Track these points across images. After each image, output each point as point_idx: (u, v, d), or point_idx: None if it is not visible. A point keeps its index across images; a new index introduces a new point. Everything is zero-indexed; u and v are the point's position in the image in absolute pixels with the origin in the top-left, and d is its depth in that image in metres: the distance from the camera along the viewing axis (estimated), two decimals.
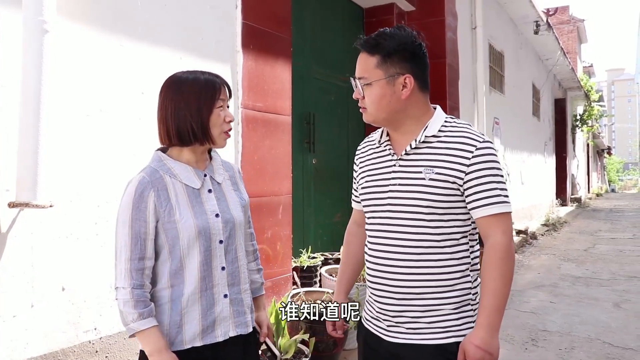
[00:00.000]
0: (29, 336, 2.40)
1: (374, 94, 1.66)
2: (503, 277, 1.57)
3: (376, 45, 1.65)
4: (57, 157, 2.49)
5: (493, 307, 1.56)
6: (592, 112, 22.18)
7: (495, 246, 1.59)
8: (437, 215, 1.62)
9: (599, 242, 10.42)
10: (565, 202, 18.62)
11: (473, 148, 1.60)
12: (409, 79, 1.64)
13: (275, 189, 3.96)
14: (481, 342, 1.53)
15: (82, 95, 2.64)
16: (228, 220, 1.73)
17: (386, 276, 1.68)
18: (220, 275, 1.71)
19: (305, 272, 4.30)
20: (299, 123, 5.13)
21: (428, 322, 1.64)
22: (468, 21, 8.13)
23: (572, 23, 23.55)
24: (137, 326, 1.56)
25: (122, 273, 1.59)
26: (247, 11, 3.73)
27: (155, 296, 1.65)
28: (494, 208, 1.58)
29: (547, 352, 4.11)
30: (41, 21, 2.28)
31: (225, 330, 1.72)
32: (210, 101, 1.66)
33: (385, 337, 1.70)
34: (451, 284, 1.63)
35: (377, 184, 1.73)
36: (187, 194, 1.67)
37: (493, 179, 1.59)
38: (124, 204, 1.62)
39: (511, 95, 11.00)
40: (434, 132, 1.65)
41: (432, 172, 1.61)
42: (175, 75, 1.71)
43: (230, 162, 1.93)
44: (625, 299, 5.72)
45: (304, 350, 3.29)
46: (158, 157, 1.71)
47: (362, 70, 1.70)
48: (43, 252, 2.46)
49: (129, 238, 1.59)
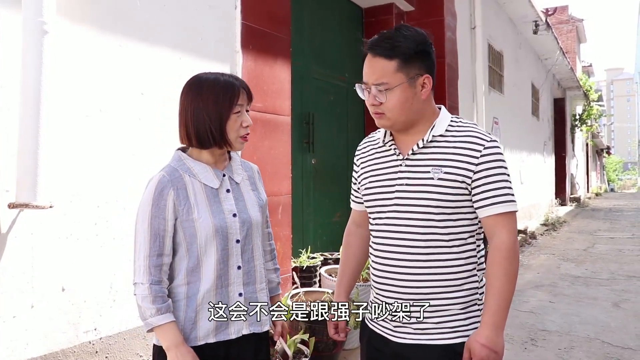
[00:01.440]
0: (29, 336, 2.40)
1: (397, 98, 1.61)
2: (508, 277, 1.58)
3: (393, 48, 1.59)
4: (57, 158, 2.50)
5: (498, 306, 1.56)
6: (591, 111, 22.20)
7: (501, 245, 1.59)
8: (446, 215, 1.62)
9: (598, 241, 10.43)
10: (565, 202, 18.64)
11: (481, 147, 1.60)
12: (428, 79, 1.64)
13: (275, 189, 3.97)
14: (486, 341, 1.54)
15: (81, 96, 2.65)
16: (245, 220, 1.75)
17: (393, 276, 1.68)
18: (236, 274, 1.73)
19: (304, 272, 4.31)
20: (299, 123, 5.14)
21: (436, 322, 1.64)
22: (467, 21, 8.14)
23: (571, 23, 23.57)
24: (155, 321, 1.59)
25: (141, 269, 1.62)
26: (247, 11, 3.74)
27: (172, 292, 1.68)
28: (500, 207, 1.59)
29: (547, 351, 4.12)
30: (41, 22, 2.29)
31: (239, 328, 1.74)
32: (228, 106, 1.68)
33: (392, 338, 1.70)
34: (459, 283, 1.64)
35: (382, 184, 1.72)
36: (206, 193, 1.69)
37: (500, 178, 1.60)
38: (144, 201, 1.65)
39: (510, 95, 11.01)
40: (441, 131, 1.65)
41: (441, 171, 1.61)
42: (196, 77, 1.73)
43: (249, 162, 1.94)
44: (624, 299, 5.73)
45: (304, 350, 3.29)
46: (178, 156, 1.73)
47: (380, 76, 1.61)
48: (43, 253, 2.47)
49: (148, 235, 1.62)
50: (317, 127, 5.44)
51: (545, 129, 16.14)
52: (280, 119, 4.05)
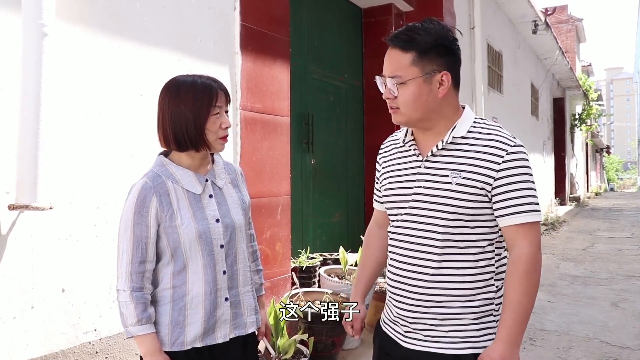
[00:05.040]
0: (29, 337, 2.41)
1: (410, 93, 1.54)
2: (527, 290, 1.50)
3: (410, 40, 1.52)
4: (56, 159, 2.51)
5: (514, 321, 1.49)
6: (590, 111, 22.19)
7: (521, 257, 1.51)
8: (462, 222, 1.55)
9: (598, 241, 10.44)
10: (564, 201, 18.64)
11: (504, 152, 1.52)
12: (447, 76, 1.55)
13: (274, 189, 3.98)
14: (499, 357, 1.47)
15: (81, 98, 2.66)
16: (228, 224, 1.76)
17: (405, 281, 1.63)
18: (222, 279, 1.75)
19: (304, 272, 4.32)
20: (298, 124, 5.15)
21: (446, 330, 1.58)
22: (466, 21, 8.14)
23: (570, 22, 23.56)
24: (135, 331, 1.62)
25: (123, 276, 1.63)
26: (246, 12, 3.75)
27: (158, 296, 1.70)
28: (522, 217, 1.51)
29: (545, 351, 4.13)
30: (40, 24, 2.29)
31: (225, 332, 1.76)
32: (206, 108, 1.67)
33: (402, 343, 1.66)
34: (473, 292, 1.57)
35: (400, 186, 1.66)
36: (189, 199, 1.70)
37: (523, 186, 1.51)
38: (127, 208, 1.65)
39: (510, 94, 11.02)
40: (463, 133, 1.57)
41: (460, 176, 1.53)
42: (174, 80, 1.72)
43: (233, 164, 1.95)
44: (623, 298, 5.74)
45: (303, 350, 3.30)
46: (160, 161, 1.73)
47: (395, 69, 1.55)
48: (43, 254, 2.48)
49: (131, 242, 1.63)
50: (317, 127, 5.45)
51: (544, 129, 16.15)
52: (279, 120, 4.06)
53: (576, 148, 23.15)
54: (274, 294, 3.88)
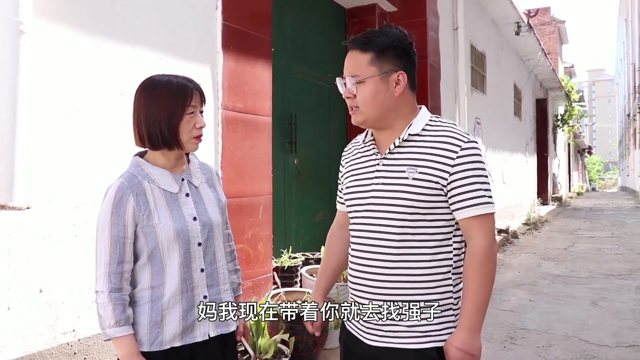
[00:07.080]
0: (5, 339, 2.38)
1: (368, 91, 1.61)
2: (483, 280, 1.57)
3: (368, 42, 1.62)
4: (34, 159, 2.48)
5: (473, 309, 1.56)
6: (573, 112, 22.46)
7: (476, 249, 1.58)
8: (420, 216, 1.60)
9: (579, 240, 10.57)
10: (546, 201, 18.84)
11: (458, 148, 1.58)
12: (402, 75, 1.63)
13: (256, 189, 3.97)
14: (461, 344, 1.54)
15: (60, 97, 2.63)
16: (206, 223, 1.77)
17: (365, 276, 1.67)
18: (199, 277, 1.75)
19: (286, 272, 4.32)
20: (281, 123, 5.14)
21: (407, 325, 1.62)
22: (450, 22, 8.20)
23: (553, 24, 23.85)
24: (113, 332, 1.62)
25: (102, 277, 1.63)
26: (228, 12, 3.74)
27: (136, 297, 1.69)
28: (477, 209, 1.57)
29: (525, 349, 4.18)
30: (17, 22, 2.27)
31: (205, 330, 1.76)
32: (181, 107, 1.67)
33: (365, 340, 1.69)
34: (432, 286, 1.62)
35: (360, 183, 1.71)
36: (165, 198, 1.70)
37: (477, 180, 1.58)
38: (104, 209, 1.65)
39: (493, 95, 11.11)
40: (418, 130, 1.64)
41: (416, 171, 1.59)
42: (149, 79, 1.72)
43: (208, 164, 1.95)
44: (601, 297, 5.82)
45: (284, 350, 3.31)
46: (136, 162, 1.74)
47: (354, 68, 1.63)
48: (20, 254, 2.45)
49: (108, 243, 1.63)
50: (300, 127, 5.45)
51: (527, 129, 16.30)
52: (261, 119, 4.05)
53: (558, 148, 23.40)
54: (255, 294, 3.88)
